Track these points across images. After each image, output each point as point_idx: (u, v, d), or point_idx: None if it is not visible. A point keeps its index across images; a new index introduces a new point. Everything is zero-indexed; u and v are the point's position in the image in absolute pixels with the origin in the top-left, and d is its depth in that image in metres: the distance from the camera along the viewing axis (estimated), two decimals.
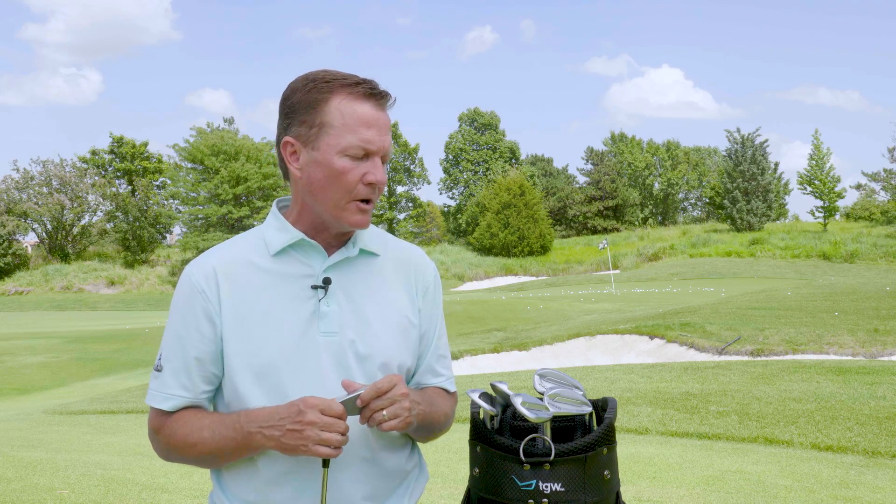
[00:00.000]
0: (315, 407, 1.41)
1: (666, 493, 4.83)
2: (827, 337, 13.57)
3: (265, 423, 1.44)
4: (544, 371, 1.63)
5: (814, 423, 6.86)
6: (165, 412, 1.56)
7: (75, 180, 53.36)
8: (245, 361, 1.52)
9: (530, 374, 2.07)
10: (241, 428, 1.46)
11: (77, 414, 9.88)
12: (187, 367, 1.54)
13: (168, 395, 1.55)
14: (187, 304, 1.55)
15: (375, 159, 1.54)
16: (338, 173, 1.52)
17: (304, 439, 1.41)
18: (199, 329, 1.53)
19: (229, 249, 1.61)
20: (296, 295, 1.55)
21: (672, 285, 32.45)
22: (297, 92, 1.56)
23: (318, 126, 1.53)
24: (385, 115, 1.56)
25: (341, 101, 1.52)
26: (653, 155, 71.28)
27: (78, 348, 19.02)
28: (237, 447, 1.48)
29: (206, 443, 1.50)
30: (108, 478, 5.58)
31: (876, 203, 56.10)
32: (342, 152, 1.52)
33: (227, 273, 1.55)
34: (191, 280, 1.56)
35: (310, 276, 1.57)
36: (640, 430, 6.97)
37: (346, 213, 1.55)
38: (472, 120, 68.14)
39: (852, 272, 35.97)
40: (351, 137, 1.51)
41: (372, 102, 1.54)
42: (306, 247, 1.58)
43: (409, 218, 66.29)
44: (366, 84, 1.54)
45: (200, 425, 1.52)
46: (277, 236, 1.59)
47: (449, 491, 4.95)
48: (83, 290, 47.06)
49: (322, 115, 1.52)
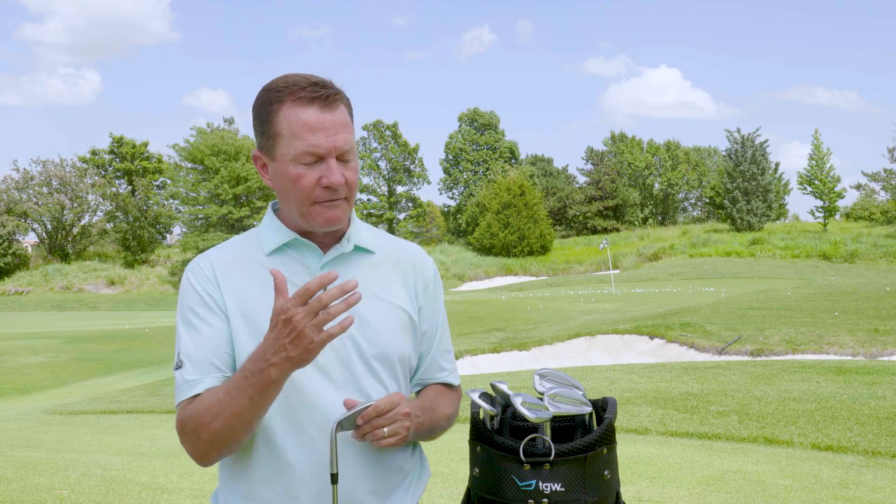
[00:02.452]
0: (292, 306, 1.36)
1: (666, 493, 4.83)
2: (827, 337, 13.57)
3: (268, 353, 1.40)
4: (544, 371, 1.63)
5: (814, 423, 6.86)
6: (189, 402, 1.53)
7: (75, 180, 53.34)
8: (248, 348, 1.52)
9: (530, 374, 2.07)
10: (251, 374, 1.43)
11: (77, 414, 9.88)
12: (206, 357, 1.54)
13: (194, 381, 1.53)
14: (192, 300, 1.58)
15: (329, 161, 1.54)
16: (294, 180, 1.54)
17: (305, 337, 1.36)
18: (208, 322, 1.56)
19: (227, 249, 1.65)
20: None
21: (672, 285, 32.44)
22: (257, 104, 1.60)
23: (273, 137, 1.56)
24: (333, 115, 1.55)
25: (287, 109, 1.54)
26: (653, 155, 71.28)
27: (78, 348, 19.01)
28: (259, 392, 1.44)
29: (226, 406, 1.46)
30: (108, 478, 5.58)
31: (876, 203, 56.11)
32: (294, 160, 1.54)
33: (224, 269, 1.60)
34: (191, 278, 1.60)
35: (307, 274, 1.60)
36: (640, 430, 6.97)
37: (311, 216, 1.57)
38: (471, 120, 68.13)
39: (852, 272, 35.97)
40: (298, 144, 1.53)
41: (317, 106, 1.54)
42: (300, 245, 1.62)
43: (409, 218, 66.29)
44: (311, 88, 1.54)
45: (216, 393, 1.49)
46: (272, 236, 1.63)
47: (449, 491, 4.95)
48: (83, 290, 47.04)
49: (274, 125, 1.56)
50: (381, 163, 66.29)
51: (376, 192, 66.44)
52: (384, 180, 66.69)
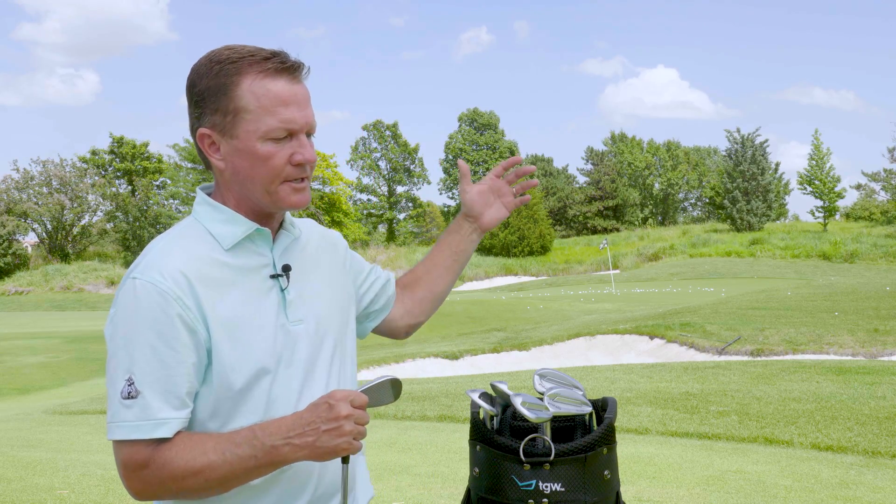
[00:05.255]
0: (345, 399, 1.34)
1: (666, 493, 4.83)
2: (827, 337, 13.57)
3: (292, 432, 1.32)
4: (544, 371, 1.63)
5: (814, 423, 6.86)
6: (152, 443, 1.34)
7: (75, 180, 53.34)
8: (239, 365, 1.41)
9: (530, 374, 2.09)
10: (260, 444, 1.33)
11: (77, 414, 9.88)
12: (175, 384, 1.35)
13: (160, 421, 1.33)
14: (160, 315, 1.35)
15: (301, 137, 1.45)
16: (263, 159, 1.43)
17: (344, 435, 1.33)
18: (182, 341, 1.36)
19: (183, 249, 1.43)
20: (258, 287, 1.47)
21: (672, 285, 32.44)
22: (204, 77, 1.44)
23: (233, 113, 1.42)
24: (302, 87, 1.46)
25: (252, 81, 1.42)
26: (653, 155, 71.30)
27: (78, 348, 19.00)
28: (258, 465, 1.34)
29: (214, 467, 1.33)
30: (108, 478, 5.58)
31: (876, 203, 56.11)
32: (264, 137, 1.42)
33: (196, 275, 1.40)
34: (158, 288, 1.36)
35: (266, 266, 1.50)
36: (640, 430, 6.97)
37: (279, 196, 1.46)
38: (471, 120, 68.16)
39: (852, 272, 35.96)
40: (270, 120, 1.41)
41: (286, 77, 1.43)
42: (254, 236, 1.49)
43: (409, 218, 66.32)
44: (276, 58, 1.44)
45: (203, 449, 1.35)
46: (229, 229, 1.47)
47: (449, 491, 4.95)
48: (83, 290, 47.01)
49: (235, 100, 1.42)
50: (381, 163, 66.32)
51: (376, 192, 66.46)
52: (384, 180, 66.71)
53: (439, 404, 8.52)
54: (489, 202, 1.87)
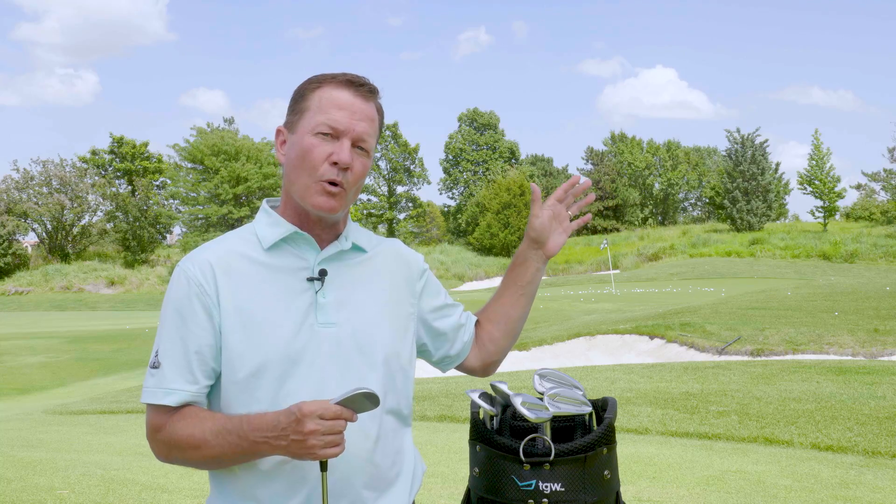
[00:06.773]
0: (313, 414, 1.38)
1: (666, 493, 4.83)
2: (827, 337, 13.57)
3: (270, 434, 1.41)
4: (544, 371, 1.63)
5: (814, 423, 6.86)
6: (167, 409, 1.52)
7: (75, 180, 53.34)
8: (246, 355, 1.50)
9: (530, 374, 2.05)
10: (246, 436, 1.44)
11: (77, 414, 9.88)
12: (188, 360, 1.51)
13: (170, 390, 1.51)
14: (184, 298, 1.53)
15: (344, 141, 1.55)
16: (305, 151, 1.55)
17: (310, 448, 1.39)
18: (198, 323, 1.51)
19: (223, 244, 1.60)
20: (292, 287, 1.56)
21: (672, 285, 32.43)
22: (297, 88, 1.63)
23: (301, 112, 1.59)
24: (362, 102, 1.59)
25: (324, 90, 1.59)
26: (653, 155, 71.27)
27: (78, 348, 19.01)
28: (244, 453, 1.47)
29: (210, 447, 1.47)
30: (108, 478, 5.58)
31: (876, 203, 56.10)
32: (311, 131, 1.56)
33: (223, 267, 1.55)
34: (186, 274, 1.54)
35: (304, 269, 1.59)
36: (640, 430, 6.97)
37: (310, 192, 1.56)
38: (471, 120, 68.14)
39: (852, 272, 35.95)
40: (321, 117, 1.55)
41: (351, 90, 1.58)
42: (298, 240, 1.60)
43: (409, 218, 66.28)
44: (350, 76, 1.60)
45: (203, 428, 1.48)
46: (270, 231, 1.61)
47: (449, 491, 4.95)
48: (83, 290, 47.02)
49: (305, 101, 1.59)
50: (382, 163, 66.27)
51: (376, 192, 66.42)
52: (384, 180, 66.68)
53: (439, 404, 8.52)
54: (553, 227, 1.89)
